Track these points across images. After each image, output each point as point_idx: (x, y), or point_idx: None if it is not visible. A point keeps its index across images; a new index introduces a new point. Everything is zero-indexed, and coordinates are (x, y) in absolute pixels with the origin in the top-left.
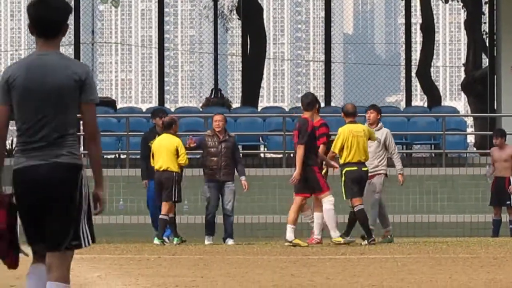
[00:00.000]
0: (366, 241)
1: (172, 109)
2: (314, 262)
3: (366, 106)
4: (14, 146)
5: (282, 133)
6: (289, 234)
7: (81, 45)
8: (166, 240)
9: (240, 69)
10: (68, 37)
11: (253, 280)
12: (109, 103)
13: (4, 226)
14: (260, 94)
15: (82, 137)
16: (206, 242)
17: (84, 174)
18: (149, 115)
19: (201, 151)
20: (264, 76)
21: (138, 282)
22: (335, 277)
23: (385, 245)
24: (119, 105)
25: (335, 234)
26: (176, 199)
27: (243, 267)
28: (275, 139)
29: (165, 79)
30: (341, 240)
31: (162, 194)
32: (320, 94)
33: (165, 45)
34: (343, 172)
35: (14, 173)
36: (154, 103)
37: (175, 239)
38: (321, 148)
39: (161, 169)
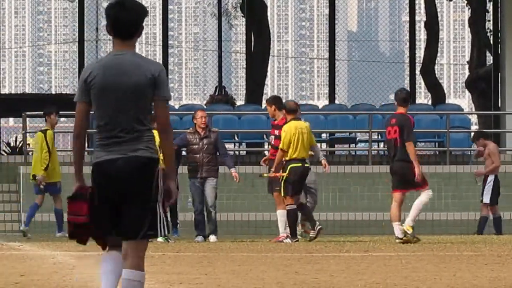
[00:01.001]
0: (290, 240)
1: (176, 106)
2: (318, 260)
3: (371, 104)
4: (19, 143)
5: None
6: (397, 232)
7: (85, 42)
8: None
9: (244, 66)
10: (72, 34)
11: (257, 278)
12: None
13: (87, 219)
14: (264, 91)
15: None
16: (198, 240)
17: (160, 168)
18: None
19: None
20: (268, 73)
21: None
22: (339, 274)
23: (389, 242)
24: None
25: (410, 222)
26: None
27: (247, 265)
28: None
29: (169, 76)
30: (410, 230)
31: None
32: (324, 91)
33: (169, 42)
34: (288, 168)
35: (94, 167)
36: None
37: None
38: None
39: None
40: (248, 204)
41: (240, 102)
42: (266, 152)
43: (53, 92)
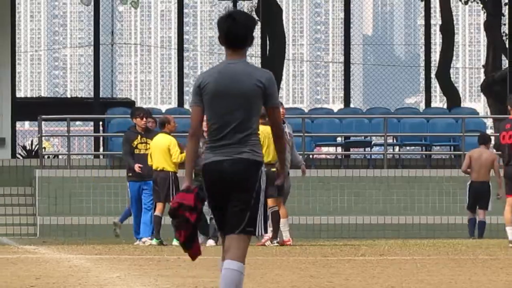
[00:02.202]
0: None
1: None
2: (333, 263)
3: (386, 107)
4: (34, 147)
5: (302, 134)
6: (511, 236)
7: (100, 46)
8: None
9: None
10: (88, 38)
11: (272, 281)
12: (128, 104)
13: (192, 203)
14: (279, 95)
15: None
16: (205, 243)
17: (264, 170)
18: (169, 116)
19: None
20: (283, 77)
21: (157, 282)
22: (354, 278)
23: (405, 246)
24: (138, 106)
25: None
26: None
27: (262, 268)
28: (294, 140)
29: (184, 80)
30: None
31: (158, 193)
32: (339, 95)
33: (185, 46)
34: None
35: (203, 167)
36: (174, 103)
37: (154, 240)
38: None
39: (158, 169)
40: None
41: None
42: None
43: (69, 96)
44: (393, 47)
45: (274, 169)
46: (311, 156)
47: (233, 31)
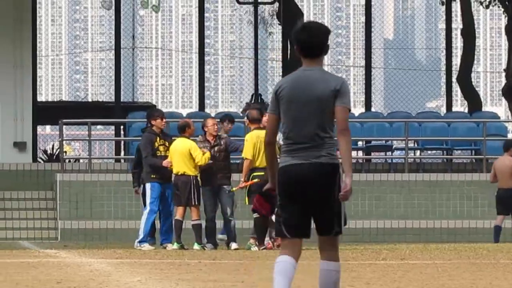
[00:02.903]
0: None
1: (213, 114)
2: (354, 267)
3: (407, 111)
4: (55, 151)
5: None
6: None
7: (121, 50)
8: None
9: (281, 74)
10: (109, 42)
11: (293, 285)
12: (149, 108)
13: (268, 214)
14: None
15: None
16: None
17: (341, 172)
18: (189, 120)
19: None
20: None
21: (178, 286)
22: (375, 282)
23: (426, 250)
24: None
25: None
26: (196, 203)
27: None
28: None
29: (206, 84)
30: None
31: (177, 197)
32: (360, 99)
33: (206, 50)
34: (251, 177)
35: (281, 170)
36: (195, 108)
37: (175, 244)
38: None
39: (178, 174)
40: None
41: None
42: None
43: (90, 100)
44: (414, 51)
45: (256, 179)
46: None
47: (309, 42)
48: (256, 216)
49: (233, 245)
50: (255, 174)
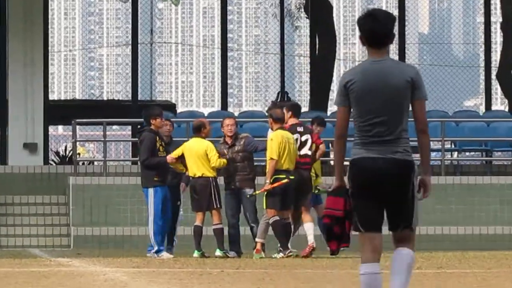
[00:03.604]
0: (281, 254)
1: (236, 113)
2: (387, 276)
3: (443, 110)
4: (68, 152)
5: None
6: None
7: (139, 45)
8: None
9: (309, 70)
10: (125, 37)
11: None
12: (169, 107)
13: (343, 214)
14: (330, 97)
15: None
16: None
17: (416, 169)
18: (211, 119)
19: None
20: (334, 78)
21: None
22: None
23: (464, 258)
24: (179, 109)
25: None
26: (218, 205)
27: (311, 282)
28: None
29: (228, 81)
30: None
31: (197, 202)
32: None
33: (229, 45)
34: (273, 179)
35: (352, 163)
36: (217, 106)
37: (196, 252)
38: None
39: (196, 176)
40: None
41: (304, 108)
42: (331, 163)
43: (105, 98)
44: (450, 46)
45: (293, 177)
46: None
47: (375, 31)
48: (275, 220)
49: (231, 254)
50: (276, 176)
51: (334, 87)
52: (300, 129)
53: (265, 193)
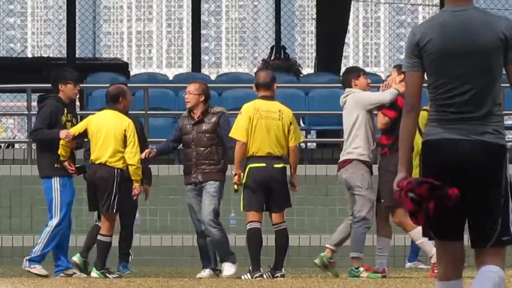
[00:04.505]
0: (249, 275)
1: (213, 77)
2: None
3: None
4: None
5: (376, 111)
6: None
7: None
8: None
9: (314, 17)
10: None
11: None
12: (118, 68)
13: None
14: (344, 53)
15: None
16: (199, 275)
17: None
18: (178, 85)
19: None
20: (350, 27)
21: None
22: None
23: None
24: (133, 71)
25: None
26: (112, 209)
27: None
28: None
29: (202, 31)
30: None
31: (95, 201)
32: None
33: None
34: (246, 170)
35: (425, 144)
36: (186, 67)
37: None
38: None
39: (97, 162)
40: (319, 222)
41: (308, 70)
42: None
43: (29, 55)
44: None
45: (279, 165)
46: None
47: None
48: (251, 227)
49: (227, 268)
50: (251, 166)
51: (350, 39)
52: None
53: (242, 194)
